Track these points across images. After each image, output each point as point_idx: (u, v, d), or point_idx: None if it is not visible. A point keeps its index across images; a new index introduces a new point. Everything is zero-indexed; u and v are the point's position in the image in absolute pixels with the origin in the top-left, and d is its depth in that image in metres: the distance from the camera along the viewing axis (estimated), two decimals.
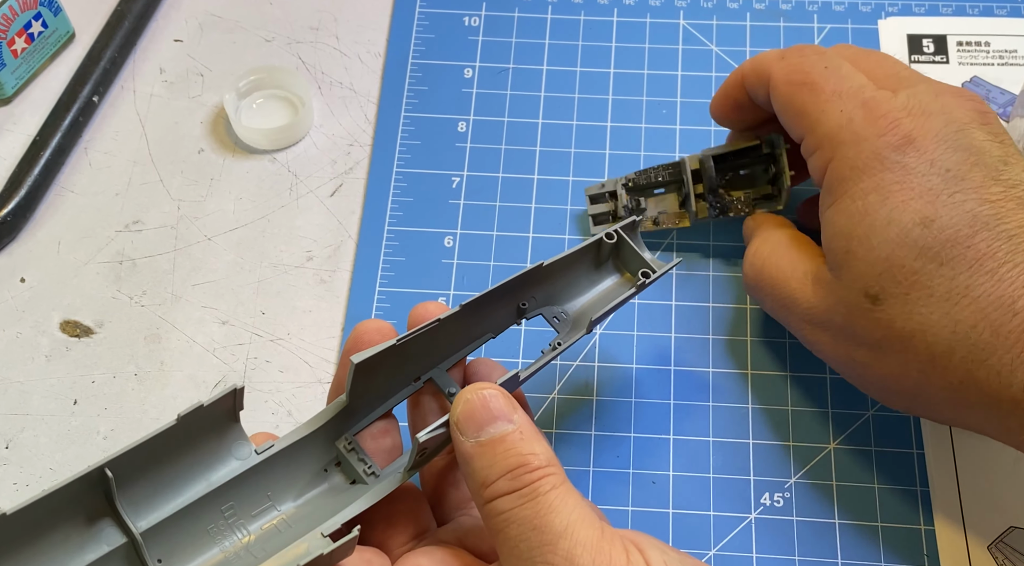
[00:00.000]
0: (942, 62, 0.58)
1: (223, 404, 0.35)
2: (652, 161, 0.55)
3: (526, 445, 0.34)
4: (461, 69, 0.59)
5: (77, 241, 0.54)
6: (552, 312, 0.42)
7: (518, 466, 0.33)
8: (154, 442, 0.33)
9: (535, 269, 0.39)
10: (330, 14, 0.62)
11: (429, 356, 0.39)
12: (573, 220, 0.54)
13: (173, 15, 0.62)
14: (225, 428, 0.36)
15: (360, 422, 0.39)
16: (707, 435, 0.48)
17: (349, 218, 0.54)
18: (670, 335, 0.50)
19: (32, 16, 0.57)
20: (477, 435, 0.34)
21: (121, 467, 0.33)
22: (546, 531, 0.32)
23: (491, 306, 0.40)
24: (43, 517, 0.32)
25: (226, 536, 0.36)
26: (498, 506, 0.33)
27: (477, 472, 0.34)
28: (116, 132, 0.58)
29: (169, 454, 0.35)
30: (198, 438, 0.35)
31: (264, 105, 0.58)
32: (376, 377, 0.37)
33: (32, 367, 0.50)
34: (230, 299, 0.52)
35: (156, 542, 0.34)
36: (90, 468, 0.32)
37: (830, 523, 0.45)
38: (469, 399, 0.34)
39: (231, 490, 0.36)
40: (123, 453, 0.33)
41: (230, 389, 0.35)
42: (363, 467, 0.38)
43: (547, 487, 0.33)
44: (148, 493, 0.35)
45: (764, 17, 0.60)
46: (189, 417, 0.34)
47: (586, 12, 0.61)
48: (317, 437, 0.38)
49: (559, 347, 0.40)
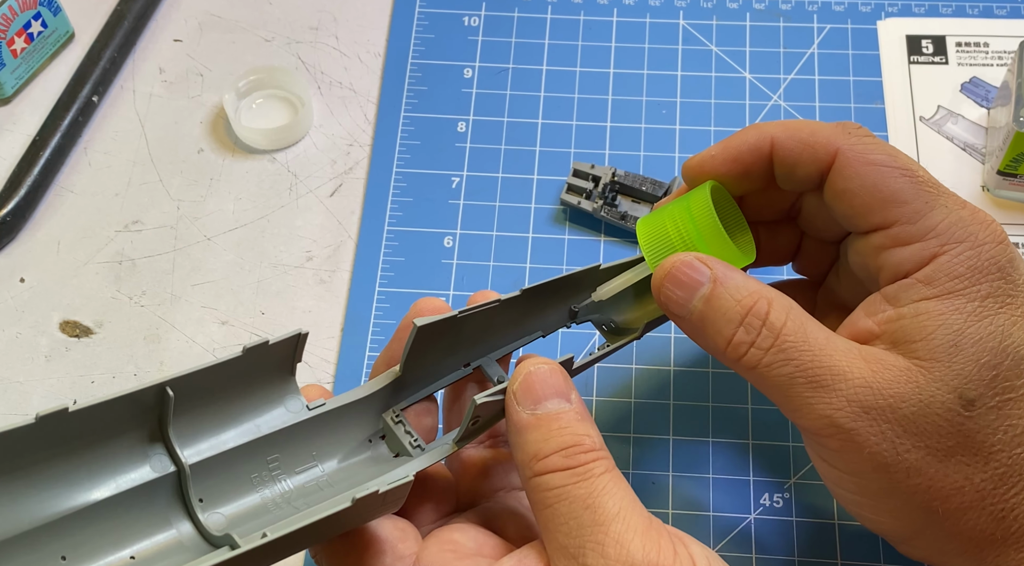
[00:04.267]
0: (941, 63, 0.58)
1: (286, 347, 0.35)
2: (652, 161, 0.55)
3: (581, 426, 0.34)
4: (461, 69, 0.59)
5: (77, 241, 0.54)
6: (602, 319, 0.42)
7: (573, 444, 0.33)
8: (214, 371, 0.33)
9: (592, 270, 0.40)
10: (330, 14, 0.62)
11: (481, 342, 0.40)
12: (574, 220, 0.54)
13: (173, 15, 0.62)
14: (281, 377, 0.36)
15: (408, 397, 0.39)
16: (707, 435, 0.48)
17: (349, 218, 0.54)
18: (670, 336, 0.50)
19: (32, 16, 0.57)
20: (534, 408, 0.34)
21: (180, 390, 0.33)
22: (599, 511, 0.32)
23: (546, 300, 0.40)
24: (99, 426, 0.32)
25: (268, 486, 0.36)
26: (549, 481, 0.33)
27: (529, 444, 0.34)
28: (116, 132, 0.58)
29: (225, 390, 0.35)
30: (256, 379, 0.35)
31: (264, 105, 0.58)
32: (430, 353, 0.38)
33: (32, 367, 0.50)
34: (230, 299, 0.52)
35: (199, 480, 0.34)
36: (152, 383, 0.32)
37: (830, 523, 0.45)
38: (531, 371, 0.35)
39: (278, 442, 0.36)
40: (184, 375, 0.33)
41: (295, 333, 0.35)
42: (409, 439, 0.38)
43: (600, 470, 0.33)
44: (199, 426, 0.35)
45: (764, 17, 0.60)
46: (253, 352, 0.34)
47: (586, 12, 0.61)
48: (366, 405, 0.38)
49: (609, 348, 0.41)
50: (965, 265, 0.36)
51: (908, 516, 0.36)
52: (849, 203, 0.38)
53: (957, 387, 0.35)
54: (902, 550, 0.38)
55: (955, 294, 0.36)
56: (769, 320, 0.35)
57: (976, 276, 0.36)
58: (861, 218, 0.38)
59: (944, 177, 0.55)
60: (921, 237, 0.37)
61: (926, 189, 0.37)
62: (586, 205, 0.53)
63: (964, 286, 0.36)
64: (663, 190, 0.53)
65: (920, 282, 0.36)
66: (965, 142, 0.56)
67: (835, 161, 0.38)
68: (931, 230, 0.36)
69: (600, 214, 0.53)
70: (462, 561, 0.35)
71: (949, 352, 0.35)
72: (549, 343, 0.50)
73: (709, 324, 0.36)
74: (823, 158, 0.38)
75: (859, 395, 0.35)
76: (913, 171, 0.37)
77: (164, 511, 0.34)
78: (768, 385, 0.36)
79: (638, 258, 0.42)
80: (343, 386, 0.49)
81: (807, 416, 0.35)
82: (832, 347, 0.35)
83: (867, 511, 0.37)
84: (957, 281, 0.36)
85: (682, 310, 0.37)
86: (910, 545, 0.37)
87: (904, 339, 0.36)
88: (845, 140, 0.38)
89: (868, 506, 0.37)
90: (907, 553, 0.38)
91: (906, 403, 0.35)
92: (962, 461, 0.35)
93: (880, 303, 0.37)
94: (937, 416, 0.35)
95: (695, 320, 0.37)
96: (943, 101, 0.57)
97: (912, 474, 0.35)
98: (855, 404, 0.34)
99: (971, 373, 0.35)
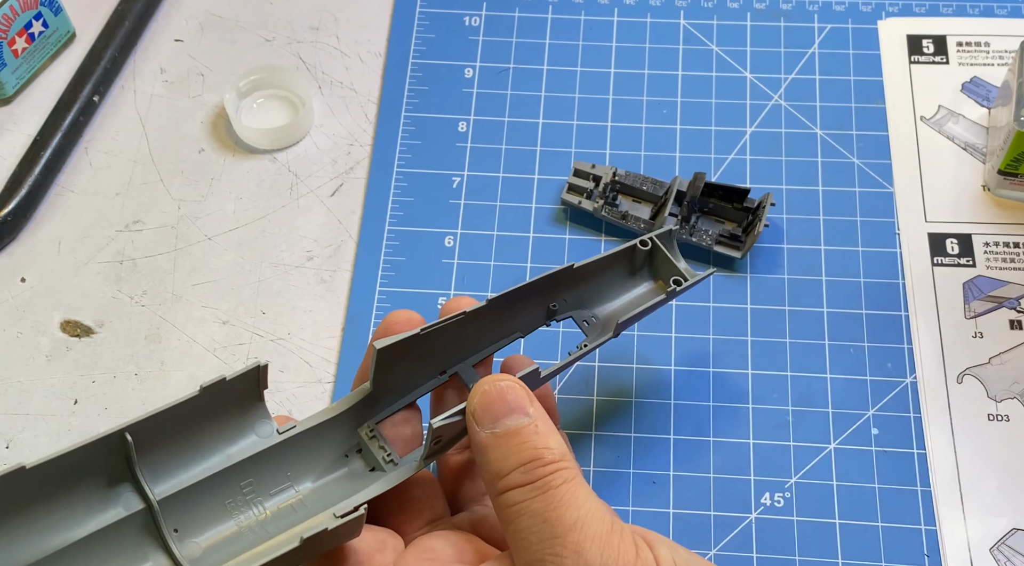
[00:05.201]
0: (942, 62, 0.58)
1: (246, 380, 0.35)
2: (652, 161, 0.55)
3: (540, 439, 0.34)
4: (461, 69, 0.59)
5: (77, 241, 0.54)
6: (582, 315, 0.42)
7: (532, 459, 0.33)
8: (175, 411, 0.33)
9: (565, 270, 0.40)
10: (330, 14, 0.62)
11: (456, 350, 0.39)
12: (574, 220, 0.54)
13: (173, 15, 0.62)
14: (249, 405, 0.36)
15: (383, 411, 0.39)
16: (707, 435, 0.48)
17: (349, 218, 0.54)
18: (670, 335, 0.50)
19: (33, 16, 0.57)
20: (492, 426, 0.34)
21: (142, 433, 0.33)
22: (556, 524, 0.32)
23: (520, 304, 0.40)
24: (62, 475, 0.32)
25: (243, 511, 0.36)
26: (511, 498, 0.33)
27: (491, 463, 0.34)
28: (116, 132, 0.58)
29: (191, 425, 0.35)
30: (221, 412, 0.35)
31: (264, 105, 0.58)
32: (400, 366, 0.38)
33: (32, 367, 0.50)
34: (230, 299, 0.52)
35: (173, 511, 0.34)
36: (110, 431, 0.32)
37: (830, 523, 0.45)
38: (486, 390, 0.35)
39: (251, 467, 0.36)
40: (144, 419, 0.33)
41: (253, 365, 0.35)
42: (383, 454, 0.38)
43: (559, 481, 0.33)
44: (168, 462, 0.35)
45: (764, 17, 0.60)
46: (211, 389, 0.34)
47: (586, 12, 0.61)
48: (340, 422, 0.38)
49: (584, 348, 0.40)
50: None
51: None
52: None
53: None
54: None
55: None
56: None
57: None
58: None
59: (944, 177, 0.55)
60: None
61: None
62: (587, 205, 0.53)
63: None
64: (663, 189, 0.53)
65: None
66: (966, 142, 0.56)
67: None
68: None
69: (601, 214, 0.53)
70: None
71: None
72: (529, 344, 0.50)
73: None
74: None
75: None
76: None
77: (138, 547, 0.34)
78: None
79: (618, 251, 0.41)
80: (343, 386, 0.49)
81: None
82: None
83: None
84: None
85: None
86: None
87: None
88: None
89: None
90: None
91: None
92: None
93: None
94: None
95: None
96: (944, 101, 0.57)
97: None
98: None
99: None
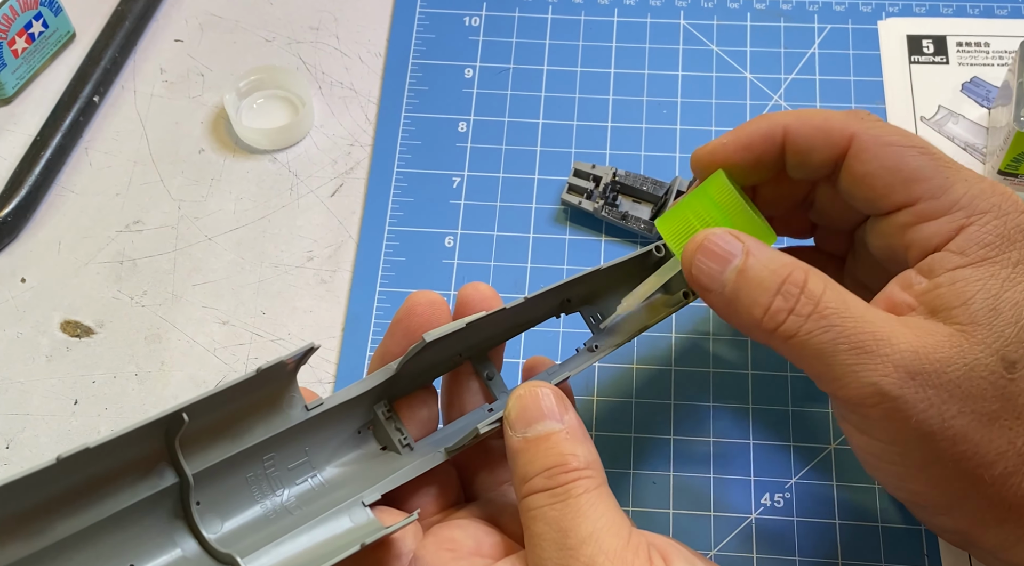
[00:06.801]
0: (942, 63, 0.58)
1: (297, 361, 0.36)
2: (652, 161, 0.55)
3: (568, 445, 0.34)
4: (461, 69, 0.59)
5: (77, 241, 0.54)
6: (591, 312, 0.42)
7: (556, 465, 0.34)
8: (227, 393, 0.34)
9: (593, 273, 0.41)
10: (330, 14, 0.62)
11: (475, 336, 0.40)
12: (574, 220, 0.54)
13: (173, 15, 0.62)
14: (284, 384, 0.36)
15: (400, 391, 0.39)
16: (707, 435, 0.48)
17: (349, 218, 0.54)
18: (670, 335, 0.50)
19: (33, 16, 0.57)
20: (525, 431, 0.35)
21: (192, 413, 0.33)
22: (571, 534, 0.32)
23: (545, 299, 0.41)
24: (113, 453, 0.32)
25: (263, 487, 0.36)
26: (532, 502, 0.34)
27: (520, 467, 0.35)
28: (116, 132, 0.58)
29: (231, 403, 0.35)
30: (261, 391, 0.36)
31: (264, 105, 0.58)
32: (427, 352, 0.38)
33: (32, 367, 0.50)
34: (230, 299, 0.52)
35: (199, 486, 0.35)
36: (168, 411, 0.32)
37: (830, 523, 0.45)
38: (522, 395, 0.35)
39: (275, 442, 0.37)
40: (200, 400, 0.33)
41: (307, 347, 0.35)
42: (398, 436, 0.38)
43: (580, 490, 0.33)
44: (203, 439, 0.35)
45: (764, 17, 0.60)
46: (268, 373, 0.34)
47: (586, 12, 0.61)
48: (361, 401, 0.38)
49: (597, 350, 0.41)
50: (993, 234, 0.36)
51: (949, 485, 0.35)
52: (870, 185, 0.38)
53: (999, 349, 0.34)
54: (935, 523, 0.38)
55: (988, 261, 0.36)
56: (808, 288, 0.35)
57: (1005, 244, 0.36)
58: (883, 199, 0.38)
59: None
60: (946, 211, 0.37)
61: (944, 165, 0.38)
62: (587, 205, 0.53)
63: (995, 254, 0.36)
64: (663, 190, 0.53)
65: (953, 252, 0.36)
66: (966, 142, 0.56)
67: (851, 145, 0.38)
68: (955, 203, 0.37)
69: (601, 214, 0.53)
70: (459, 562, 0.35)
71: (989, 316, 0.35)
72: (546, 340, 0.50)
73: (743, 295, 0.36)
74: (838, 143, 0.39)
75: (905, 360, 0.34)
76: (929, 149, 0.38)
77: (167, 527, 0.34)
78: (807, 354, 0.35)
79: (636, 255, 0.42)
80: (343, 386, 0.49)
81: (849, 385, 0.34)
82: (873, 314, 0.35)
83: (907, 482, 0.36)
84: (988, 249, 0.36)
85: (714, 283, 0.36)
86: (947, 516, 0.37)
87: (943, 307, 0.35)
88: (859, 125, 0.39)
89: (909, 476, 0.36)
90: (940, 525, 0.38)
91: (951, 367, 0.34)
92: (1005, 425, 0.34)
93: (914, 277, 0.37)
94: (981, 379, 0.34)
95: (728, 293, 0.36)
96: (944, 101, 0.57)
97: (958, 440, 0.34)
98: (901, 369, 0.34)
99: (1011, 336, 0.35)
